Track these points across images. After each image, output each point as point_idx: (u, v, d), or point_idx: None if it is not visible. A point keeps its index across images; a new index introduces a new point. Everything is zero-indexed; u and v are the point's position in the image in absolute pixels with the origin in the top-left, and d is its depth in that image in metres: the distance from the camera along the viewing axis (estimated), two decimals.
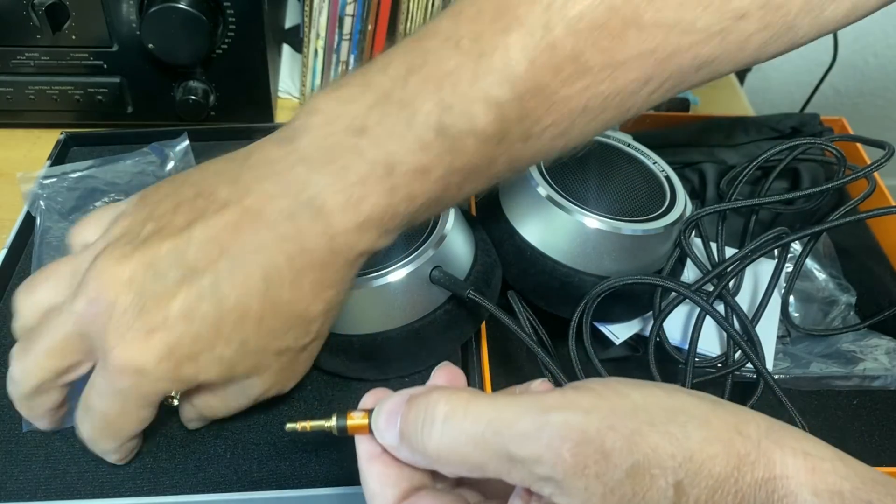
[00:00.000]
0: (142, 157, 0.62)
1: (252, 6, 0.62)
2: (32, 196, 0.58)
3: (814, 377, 0.50)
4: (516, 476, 0.27)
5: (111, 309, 0.34)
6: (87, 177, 0.60)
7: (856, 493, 0.26)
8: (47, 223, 0.57)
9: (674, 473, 0.26)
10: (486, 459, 0.27)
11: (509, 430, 0.27)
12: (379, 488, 0.30)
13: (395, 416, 0.30)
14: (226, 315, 0.34)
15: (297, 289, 0.35)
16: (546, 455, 0.26)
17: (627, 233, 0.47)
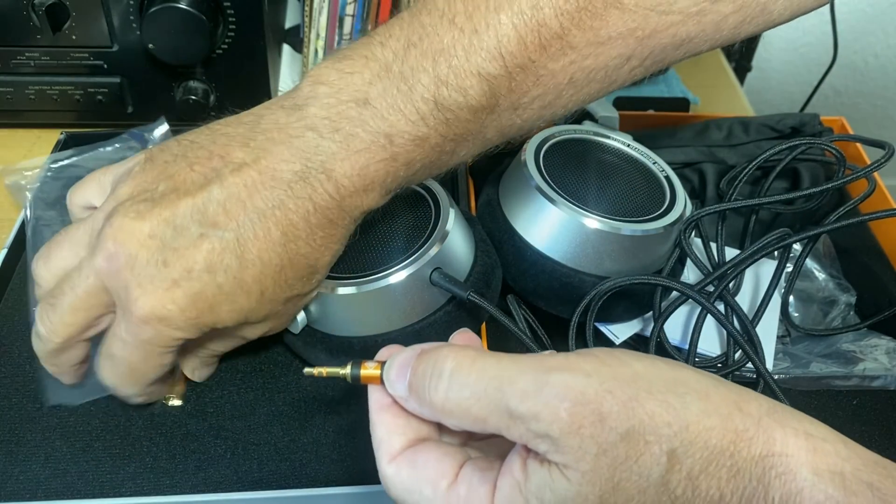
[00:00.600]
0: (122, 144, 0.61)
1: (252, 6, 0.62)
2: (16, 188, 0.59)
3: (814, 377, 0.50)
4: (515, 432, 0.28)
5: (132, 261, 0.36)
6: (69, 166, 0.60)
7: (857, 474, 0.27)
8: (37, 212, 0.57)
9: (668, 441, 0.26)
10: (487, 413, 0.28)
11: (510, 387, 0.28)
12: (386, 436, 0.31)
13: (406, 369, 0.31)
14: (248, 267, 0.36)
15: (311, 242, 0.37)
16: (544, 412, 0.27)
17: (627, 233, 0.47)
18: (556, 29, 0.35)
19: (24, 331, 0.51)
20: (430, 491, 0.29)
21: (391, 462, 0.31)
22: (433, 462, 0.30)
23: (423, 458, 0.30)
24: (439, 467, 0.30)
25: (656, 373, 0.28)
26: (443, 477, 0.29)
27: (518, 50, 0.35)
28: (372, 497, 0.43)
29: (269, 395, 0.48)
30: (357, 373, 0.33)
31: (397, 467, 0.30)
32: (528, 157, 0.49)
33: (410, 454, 0.31)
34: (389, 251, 0.44)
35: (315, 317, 0.46)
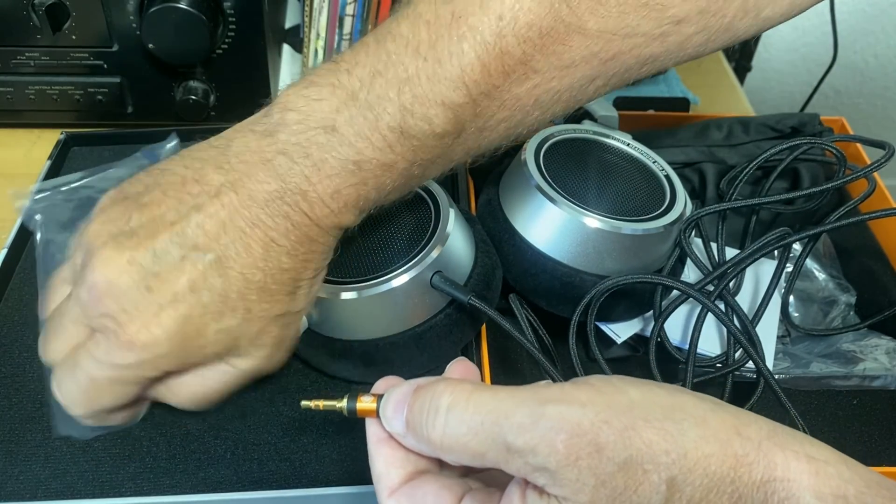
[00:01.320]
0: (133, 163, 0.61)
1: (252, 6, 0.62)
2: (27, 211, 0.58)
3: (814, 377, 0.50)
4: (513, 466, 0.28)
5: (114, 289, 0.36)
6: (80, 187, 0.60)
7: (860, 497, 0.27)
8: (48, 235, 0.56)
9: (667, 470, 0.26)
10: (485, 449, 0.28)
11: (507, 421, 0.28)
12: (385, 469, 0.31)
13: (403, 406, 0.31)
14: (232, 284, 0.36)
15: (294, 257, 0.37)
16: (540, 446, 0.27)
17: (628, 232, 0.47)
18: (519, 56, 0.35)
19: (24, 331, 0.51)
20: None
21: (391, 496, 0.31)
22: (431, 496, 0.30)
23: (422, 491, 0.30)
24: (438, 501, 0.30)
25: (653, 399, 0.28)
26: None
27: (482, 78, 0.35)
28: (372, 497, 0.43)
29: (269, 395, 0.48)
30: (353, 406, 0.34)
31: (396, 502, 0.31)
32: (528, 157, 0.49)
33: (409, 489, 0.31)
34: (390, 254, 0.44)
35: (317, 320, 0.46)
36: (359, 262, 0.45)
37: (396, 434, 0.32)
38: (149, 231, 0.36)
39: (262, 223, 0.36)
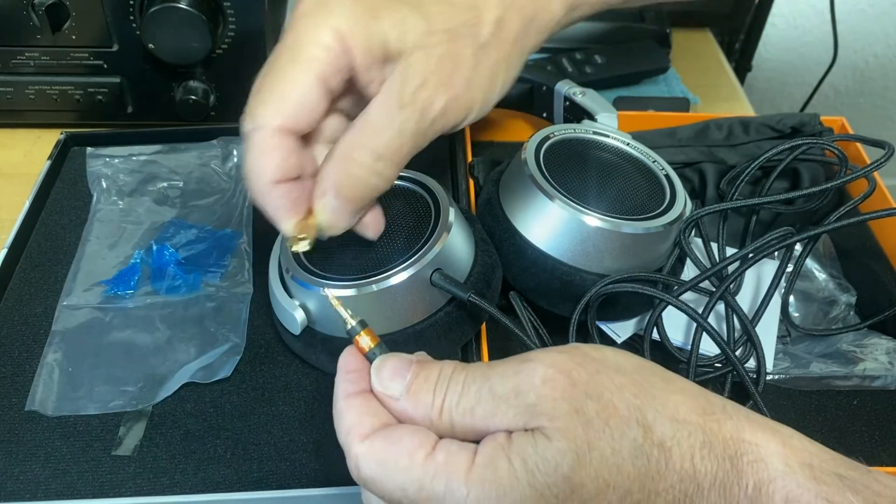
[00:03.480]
0: (207, 150, 0.63)
1: (252, 6, 0.62)
2: (96, 173, 0.61)
3: (814, 377, 0.50)
4: (499, 415, 0.29)
5: None
6: (151, 161, 0.62)
7: (824, 465, 0.28)
8: (101, 204, 0.59)
9: (637, 410, 0.28)
10: (475, 403, 0.30)
11: (493, 373, 0.30)
12: (358, 419, 0.31)
13: (404, 373, 0.32)
14: None
15: None
16: (522, 385, 0.29)
17: (628, 231, 0.47)
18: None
19: (25, 331, 0.51)
20: (407, 461, 0.29)
21: (364, 440, 0.30)
22: (409, 435, 0.30)
23: (398, 433, 0.30)
24: (415, 439, 0.30)
25: (625, 359, 0.31)
26: (420, 447, 0.29)
27: None
28: None
29: (269, 395, 0.48)
30: (357, 332, 0.34)
31: (370, 443, 0.30)
32: (528, 156, 0.49)
33: (384, 431, 0.30)
34: (390, 252, 0.44)
35: (315, 318, 0.46)
36: (358, 259, 0.45)
37: (390, 395, 0.31)
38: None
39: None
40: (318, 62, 0.33)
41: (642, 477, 0.28)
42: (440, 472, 0.28)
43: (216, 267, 0.55)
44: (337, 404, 0.32)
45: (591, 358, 0.30)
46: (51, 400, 0.47)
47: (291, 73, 0.34)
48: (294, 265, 0.46)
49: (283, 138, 0.34)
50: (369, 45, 0.34)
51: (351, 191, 0.36)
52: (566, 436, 0.28)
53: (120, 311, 0.52)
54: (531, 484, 0.27)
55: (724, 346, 0.46)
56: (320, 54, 0.33)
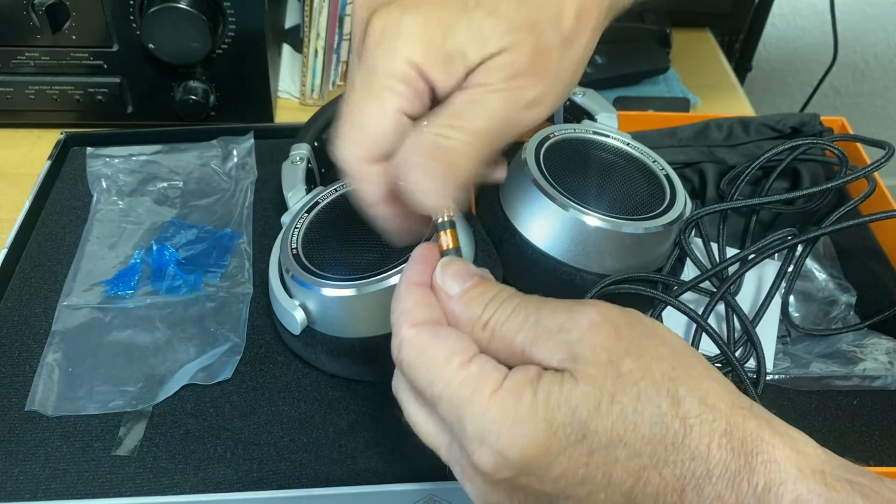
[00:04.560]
0: (207, 150, 0.64)
1: (252, 6, 0.62)
2: (96, 174, 0.61)
3: (814, 377, 0.50)
4: (540, 345, 0.30)
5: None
6: (151, 161, 0.62)
7: (835, 472, 0.28)
8: (101, 204, 0.59)
9: (672, 381, 0.29)
10: (520, 325, 0.30)
11: (546, 305, 0.31)
12: (412, 307, 0.32)
13: (465, 280, 0.32)
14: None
15: None
16: (569, 323, 0.30)
17: (628, 231, 0.47)
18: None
19: (25, 331, 0.51)
20: (444, 359, 0.30)
21: (413, 326, 0.31)
22: (454, 338, 0.31)
23: (445, 333, 0.31)
24: (459, 344, 0.30)
25: (674, 337, 0.31)
26: (459, 352, 0.30)
27: None
28: (371, 497, 0.43)
29: (269, 395, 0.48)
30: (444, 228, 0.34)
31: (418, 332, 0.31)
32: (528, 156, 0.49)
33: (433, 327, 0.31)
34: (390, 252, 0.44)
35: (315, 318, 0.46)
36: (358, 259, 0.45)
37: (446, 291, 0.32)
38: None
39: None
40: (394, 94, 0.33)
41: (655, 442, 0.28)
42: (469, 382, 0.29)
43: (216, 267, 0.55)
44: (399, 288, 0.33)
45: (642, 323, 0.31)
46: (51, 400, 0.47)
47: (366, 107, 0.33)
48: (294, 265, 0.46)
49: (372, 165, 0.34)
50: (447, 65, 0.33)
51: (440, 154, 0.33)
52: (594, 382, 0.28)
53: (120, 311, 0.52)
54: (547, 419, 0.28)
55: (724, 346, 0.46)
56: (395, 86, 0.32)
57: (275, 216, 0.58)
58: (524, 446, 0.28)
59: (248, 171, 0.62)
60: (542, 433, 0.28)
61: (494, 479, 0.29)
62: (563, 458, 0.28)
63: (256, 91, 0.68)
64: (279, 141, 0.66)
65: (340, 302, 0.44)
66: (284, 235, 0.48)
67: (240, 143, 0.63)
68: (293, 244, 0.47)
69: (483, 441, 0.29)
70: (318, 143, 0.57)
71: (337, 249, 0.46)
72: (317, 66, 0.73)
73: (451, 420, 0.30)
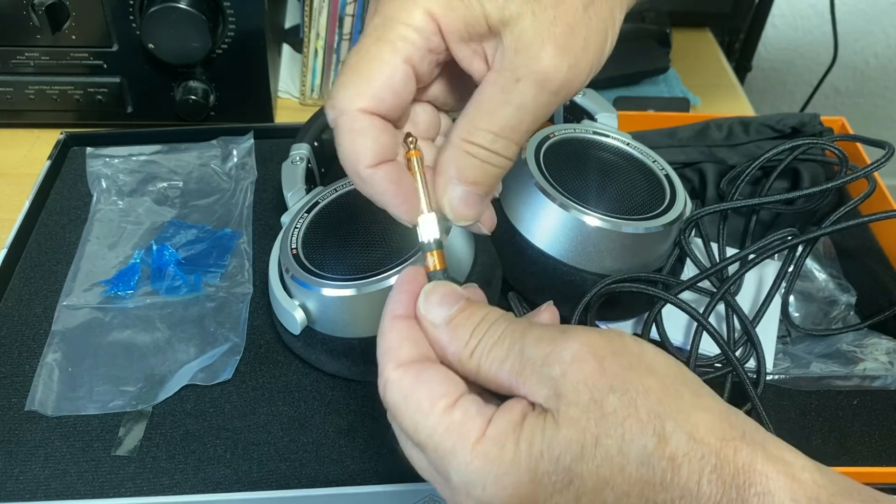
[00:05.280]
0: (206, 150, 0.64)
1: (252, 6, 0.62)
2: (96, 174, 0.61)
3: (814, 377, 0.50)
4: (523, 379, 0.29)
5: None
6: (151, 161, 0.62)
7: (830, 499, 0.27)
8: (100, 204, 0.59)
9: (658, 418, 0.28)
10: (505, 355, 0.30)
11: (530, 333, 0.30)
12: (397, 343, 0.31)
13: (452, 304, 0.32)
14: None
15: None
16: (552, 356, 0.29)
17: (628, 231, 0.47)
18: None
19: (25, 331, 0.51)
20: (428, 405, 0.29)
21: (397, 368, 0.31)
22: (437, 381, 0.30)
23: (429, 374, 0.30)
24: (442, 388, 0.30)
25: (663, 362, 0.30)
26: (443, 397, 0.30)
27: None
28: (371, 497, 0.43)
29: (269, 395, 0.48)
30: (430, 248, 0.34)
31: (402, 374, 0.30)
32: (528, 156, 0.49)
33: (418, 367, 0.31)
34: (389, 252, 0.44)
35: (315, 318, 0.46)
36: (358, 259, 0.45)
37: (431, 320, 0.32)
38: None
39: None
40: (407, 42, 0.31)
41: (643, 483, 0.27)
42: (452, 431, 0.29)
43: (216, 267, 0.55)
44: (382, 323, 0.32)
45: (628, 350, 0.29)
46: (51, 400, 0.47)
47: (377, 52, 0.31)
48: (294, 265, 0.46)
49: (371, 119, 0.32)
50: (466, 22, 0.31)
51: (475, 174, 0.33)
52: (576, 426, 0.28)
53: (120, 311, 0.52)
54: (530, 469, 0.28)
55: (724, 345, 0.46)
56: (410, 35, 0.31)
57: (275, 216, 0.58)
58: (509, 497, 0.28)
59: (248, 171, 0.62)
60: (527, 484, 0.28)
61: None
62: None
63: (256, 91, 0.68)
64: (279, 141, 0.66)
65: (340, 302, 0.44)
66: (284, 235, 0.48)
67: (240, 143, 0.63)
68: (293, 244, 0.47)
69: (468, 493, 0.28)
70: (318, 143, 0.57)
71: (337, 249, 0.46)
72: (317, 66, 0.73)
73: (437, 467, 0.30)
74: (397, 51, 0.31)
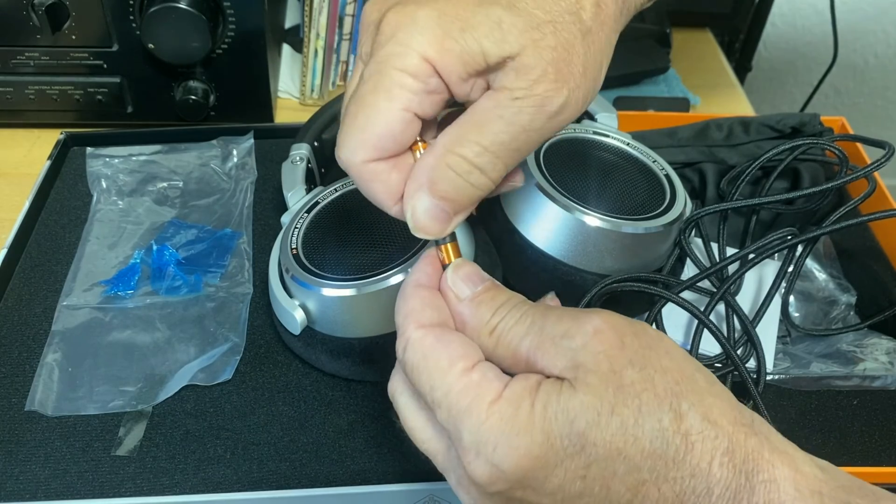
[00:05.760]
0: (206, 150, 0.64)
1: (252, 6, 0.62)
2: (96, 174, 0.61)
3: (814, 377, 0.50)
4: (542, 353, 0.30)
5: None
6: (151, 161, 0.63)
7: (833, 493, 0.28)
8: (100, 204, 0.59)
9: (675, 396, 0.28)
10: (525, 331, 0.30)
11: (552, 312, 0.31)
12: (420, 307, 0.32)
13: (476, 284, 0.33)
14: None
15: None
16: (573, 329, 0.29)
17: (628, 231, 0.47)
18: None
19: (25, 331, 0.51)
20: (447, 364, 0.30)
21: (419, 328, 0.31)
22: (458, 343, 0.31)
23: (450, 337, 0.31)
24: (463, 350, 0.30)
25: (678, 350, 0.30)
26: (463, 358, 0.30)
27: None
28: (371, 497, 0.43)
29: (269, 395, 0.48)
30: (445, 242, 0.34)
31: (424, 334, 0.31)
32: (528, 156, 0.49)
33: (439, 330, 0.31)
34: (389, 252, 0.44)
35: (315, 318, 0.46)
36: (358, 259, 0.45)
37: (456, 293, 0.32)
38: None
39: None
40: (404, 90, 0.30)
41: (655, 457, 0.27)
42: (469, 390, 0.29)
43: (216, 267, 0.55)
44: (405, 289, 0.33)
45: (647, 333, 0.30)
46: (50, 400, 0.47)
47: (373, 101, 0.31)
48: (294, 265, 0.46)
49: (376, 166, 0.32)
50: (464, 61, 0.30)
51: (448, 188, 0.31)
52: (593, 392, 0.28)
53: (120, 312, 0.52)
54: (544, 430, 0.28)
55: (725, 343, 0.46)
56: (406, 81, 0.30)
57: (275, 216, 0.58)
58: (520, 458, 0.28)
59: (248, 171, 0.62)
60: (539, 445, 0.28)
61: (489, 491, 0.29)
62: (560, 470, 0.28)
63: (256, 91, 0.68)
64: (279, 141, 0.66)
65: (340, 302, 0.44)
66: (284, 235, 0.48)
67: (240, 143, 0.63)
68: (293, 244, 0.47)
69: (479, 452, 0.28)
70: (318, 143, 0.57)
71: (337, 249, 0.46)
72: (317, 65, 0.73)
73: (448, 427, 0.30)
74: (394, 98, 0.30)
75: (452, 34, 0.30)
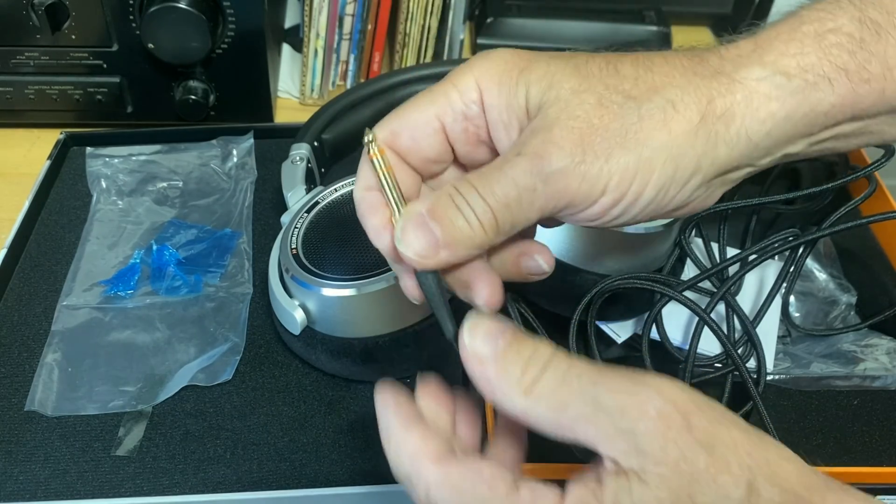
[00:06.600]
0: (206, 149, 0.64)
1: (252, 6, 0.62)
2: (95, 173, 0.61)
3: (814, 377, 0.50)
4: (593, 428, 0.27)
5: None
6: (150, 161, 0.63)
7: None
8: (100, 204, 0.59)
9: (749, 471, 0.26)
10: (572, 399, 0.27)
11: (604, 381, 0.27)
12: (422, 443, 0.29)
13: (496, 340, 0.29)
14: None
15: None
16: (631, 407, 0.26)
17: (628, 231, 0.47)
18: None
19: (25, 331, 0.51)
20: (487, 491, 0.27)
21: (436, 463, 0.28)
22: (486, 465, 0.28)
23: (472, 462, 0.28)
24: (494, 469, 0.28)
25: (738, 417, 0.28)
26: (500, 478, 0.28)
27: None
28: (371, 497, 0.43)
29: (269, 395, 0.48)
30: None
31: (446, 468, 0.28)
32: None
33: (458, 458, 0.29)
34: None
35: (315, 318, 0.46)
36: (358, 259, 0.45)
37: (478, 355, 0.29)
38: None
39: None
40: (446, 99, 0.31)
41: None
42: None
43: (216, 267, 0.55)
44: (394, 436, 0.30)
45: (710, 404, 0.28)
46: (50, 400, 0.47)
47: (417, 101, 0.32)
48: (294, 265, 0.46)
49: (391, 151, 0.32)
50: (508, 102, 0.31)
51: (443, 213, 0.30)
52: (667, 485, 0.26)
53: (119, 312, 0.52)
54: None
55: (727, 342, 0.46)
56: (451, 94, 0.31)
57: (275, 216, 0.58)
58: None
59: (248, 171, 0.62)
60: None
61: None
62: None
63: (256, 91, 0.68)
64: (279, 141, 0.66)
65: (340, 302, 0.44)
66: (284, 235, 0.48)
67: (239, 143, 0.63)
68: (293, 244, 0.47)
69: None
70: (318, 143, 0.57)
71: (337, 249, 0.46)
72: (316, 65, 0.73)
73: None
74: (434, 102, 0.32)
75: (511, 73, 0.31)
